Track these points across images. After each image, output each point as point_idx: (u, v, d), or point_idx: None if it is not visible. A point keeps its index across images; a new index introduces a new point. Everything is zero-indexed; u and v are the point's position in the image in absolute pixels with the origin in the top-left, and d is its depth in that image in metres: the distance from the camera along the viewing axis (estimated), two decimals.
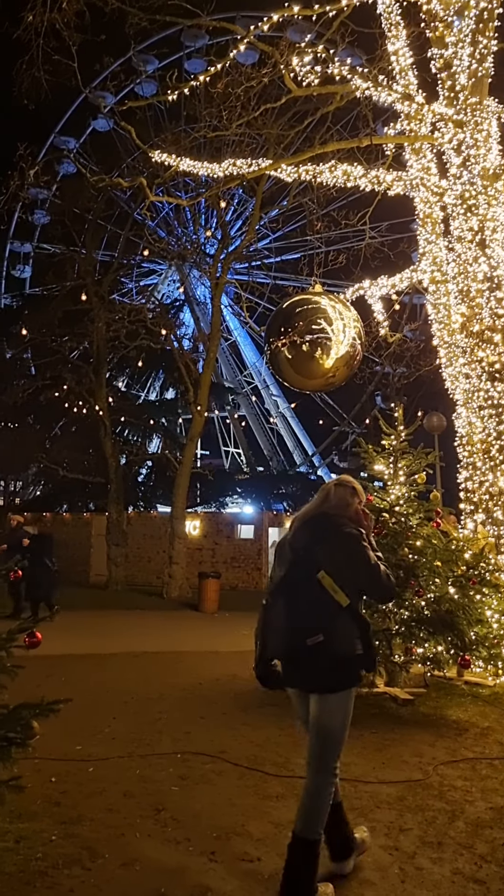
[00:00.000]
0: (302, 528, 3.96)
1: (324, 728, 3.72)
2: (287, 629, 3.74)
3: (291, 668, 3.82)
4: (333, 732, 3.74)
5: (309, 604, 3.72)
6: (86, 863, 3.85)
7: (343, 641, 3.70)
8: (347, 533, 3.87)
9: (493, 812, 4.78)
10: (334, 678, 3.72)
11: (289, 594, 3.80)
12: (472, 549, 8.69)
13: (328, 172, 11.03)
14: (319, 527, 3.92)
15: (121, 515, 23.03)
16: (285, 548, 3.98)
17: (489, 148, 10.36)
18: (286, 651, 3.78)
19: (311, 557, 3.80)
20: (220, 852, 4.04)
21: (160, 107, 26.30)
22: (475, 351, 10.15)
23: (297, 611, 3.74)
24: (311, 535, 3.90)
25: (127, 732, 6.42)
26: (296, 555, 3.88)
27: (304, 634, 3.67)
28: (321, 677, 3.72)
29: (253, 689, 8.43)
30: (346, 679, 3.76)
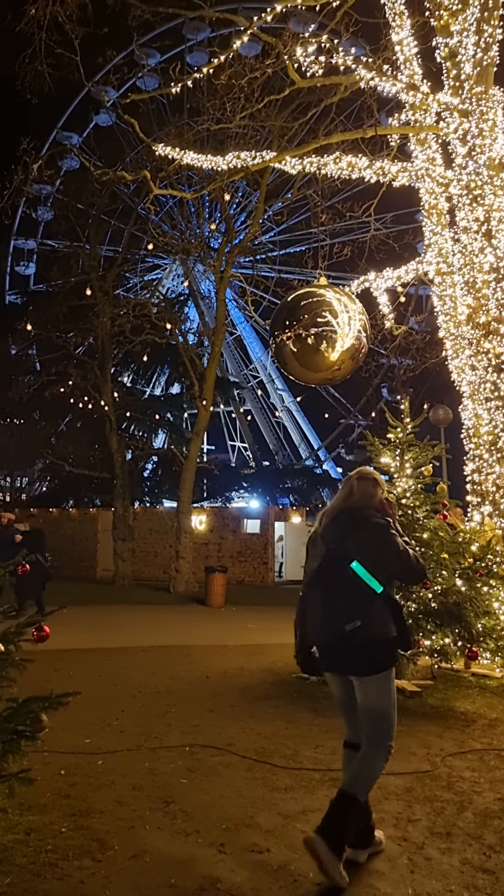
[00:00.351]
0: (331, 522, 4.16)
1: (373, 710, 3.96)
2: (326, 617, 3.95)
3: (331, 654, 4.02)
4: (383, 712, 3.97)
5: (345, 592, 3.93)
6: (96, 854, 3.86)
7: (378, 625, 3.91)
8: (375, 523, 4.08)
9: (501, 802, 4.77)
10: (373, 661, 3.94)
11: (325, 585, 4.01)
12: (480, 541, 8.67)
13: (333, 164, 10.98)
14: (348, 519, 4.11)
15: (127, 511, 23.08)
16: (317, 541, 4.18)
17: (495, 137, 10.29)
18: (326, 638, 3.99)
19: (342, 549, 4.00)
20: (230, 844, 4.05)
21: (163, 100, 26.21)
22: (481, 342, 10.11)
23: (334, 599, 3.95)
24: (341, 527, 4.09)
25: (135, 725, 6.43)
26: (328, 547, 4.07)
27: (343, 621, 3.88)
28: (361, 661, 3.93)
29: (260, 681, 8.46)
30: (384, 661, 3.98)
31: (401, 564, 4.04)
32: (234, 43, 11.54)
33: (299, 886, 3.60)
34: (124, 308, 23.62)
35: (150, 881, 3.59)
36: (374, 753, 3.95)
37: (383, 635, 3.92)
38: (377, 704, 3.95)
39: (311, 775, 5.20)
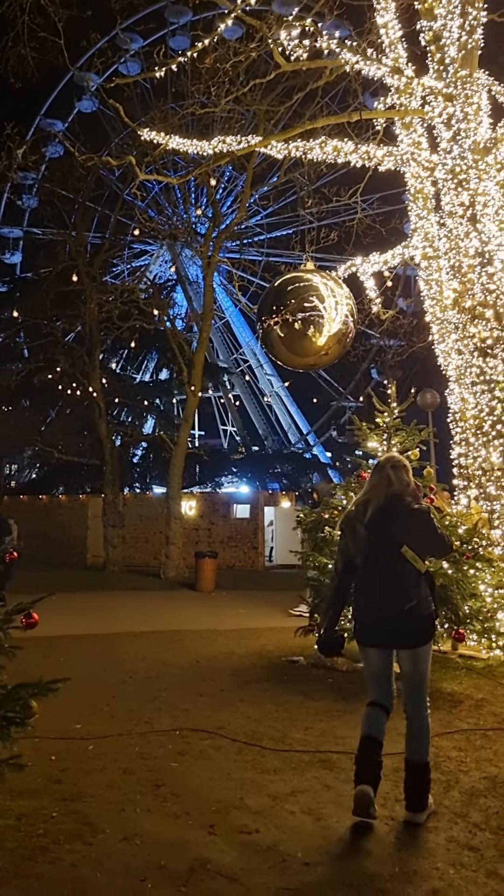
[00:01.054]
0: (378, 511, 4.48)
1: (420, 675, 4.49)
2: (386, 599, 4.40)
3: (386, 631, 4.45)
4: (426, 676, 4.54)
5: (400, 575, 4.40)
6: (87, 838, 3.91)
7: (427, 603, 4.45)
8: (419, 510, 4.55)
9: (487, 781, 4.86)
10: (424, 634, 4.48)
11: (380, 569, 4.43)
12: (466, 525, 8.75)
13: (318, 148, 10.94)
14: (393, 507, 4.48)
15: (117, 497, 23.08)
16: (356, 527, 4.55)
17: (479, 121, 10.28)
18: (386, 617, 4.41)
19: (390, 535, 4.42)
20: (219, 825, 4.11)
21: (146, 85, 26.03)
22: (467, 327, 10.15)
23: (392, 583, 4.40)
24: (388, 515, 4.46)
25: (126, 710, 6.49)
26: (375, 535, 4.45)
27: (402, 602, 4.35)
28: (415, 635, 4.44)
29: (250, 665, 8.53)
30: (431, 633, 4.54)
31: (440, 546, 4.69)
32: (219, 26, 11.45)
33: (288, 866, 3.66)
34: (112, 294, 23.50)
35: (140, 863, 3.65)
36: (423, 715, 4.53)
37: (430, 611, 4.46)
38: (424, 670, 4.49)
39: (300, 757, 5.27)
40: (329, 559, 8.51)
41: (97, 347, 23.62)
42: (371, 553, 4.46)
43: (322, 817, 4.25)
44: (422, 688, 4.52)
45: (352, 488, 8.88)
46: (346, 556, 4.62)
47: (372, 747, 4.42)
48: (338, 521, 5.05)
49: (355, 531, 4.55)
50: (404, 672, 4.51)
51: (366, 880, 3.54)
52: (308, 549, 9.13)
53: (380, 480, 4.59)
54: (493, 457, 9.78)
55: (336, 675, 7.91)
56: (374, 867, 3.67)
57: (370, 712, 4.54)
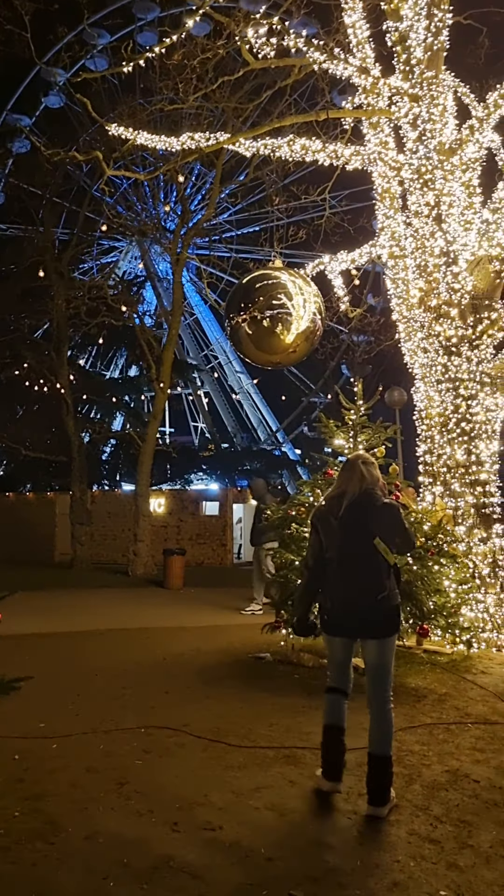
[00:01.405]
0: (352, 504, 4.66)
1: (385, 666, 4.64)
2: (361, 589, 4.57)
3: (356, 621, 4.63)
4: (390, 667, 4.68)
5: (372, 567, 4.57)
6: (49, 837, 3.90)
7: (395, 595, 4.67)
8: (389, 504, 4.74)
9: (448, 775, 4.93)
10: (393, 624, 4.65)
11: (356, 561, 4.60)
12: (431, 521, 8.85)
13: (287, 147, 10.95)
14: (367, 502, 4.67)
15: (84, 494, 22.92)
16: (332, 522, 4.71)
17: (445, 122, 10.36)
18: (360, 607, 4.59)
19: (365, 528, 4.60)
20: (183, 822, 4.12)
21: (114, 81, 25.75)
22: (433, 325, 10.24)
23: (367, 573, 4.57)
24: (362, 508, 4.65)
25: (91, 708, 6.47)
26: (350, 527, 4.63)
27: (376, 592, 4.54)
28: (385, 625, 4.61)
29: (216, 663, 8.54)
30: (398, 624, 4.75)
31: (407, 541, 4.78)
32: (187, 22, 11.40)
33: (251, 861, 3.69)
34: (80, 290, 23.32)
35: (103, 862, 3.65)
36: (387, 709, 4.64)
37: (398, 602, 4.68)
38: (389, 661, 4.66)
39: (265, 753, 5.30)
40: (296, 555, 8.56)
41: (65, 343, 23.41)
42: (346, 545, 4.64)
43: (286, 812, 4.29)
44: (386, 681, 4.67)
45: (319, 485, 8.93)
46: (317, 550, 4.76)
47: (338, 736, 4.66)
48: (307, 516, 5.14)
49: (328, 525, 4.71)
50: (370, 664, 4.65)
51: (328, 874, 3.58)
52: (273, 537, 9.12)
53: (352, 475, 4.75)
54: (458, 454, 9.90)
55: (302, 671, 7.96)
56: (335, 861, 3.71)
57: (332, 699, 4.77)
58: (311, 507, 8.83)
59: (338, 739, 4.67)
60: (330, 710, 4.76)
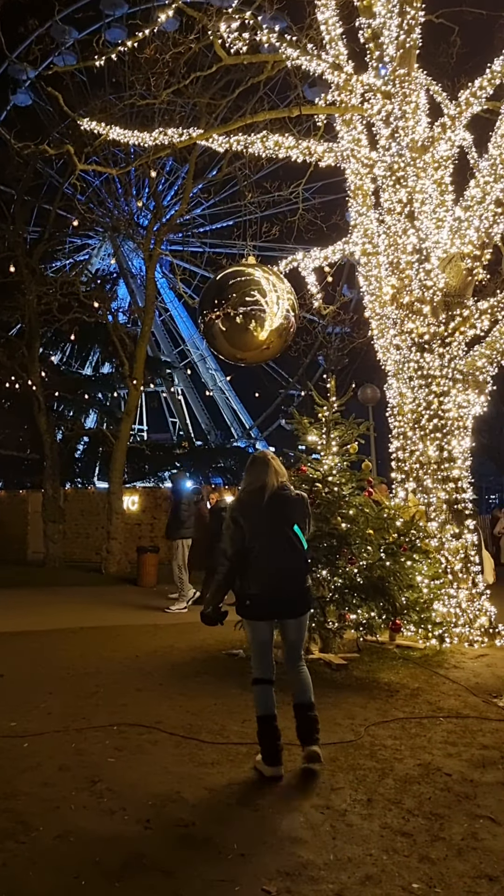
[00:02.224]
0: (274, 496, 5.04)
1: (301, 638, 5.22)
2: (286, 572, 4.98)
3: (283, 602, 5.02)
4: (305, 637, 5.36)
5: (296, 551, 5.03)
6: (20, 837, 3.85)
7: (308, 576, 5.22)
8: (301, 496, 5.27)
9: (420, 768, 4.96)
10: (308, 602, 5.23)
11: (282, 547, 4.99)
12: (404, 517, 8.89)
13: (260, 143, 10.94)
14: (284, 494, 5.13)
15: (57, 492, 22.73)
16: (254, 513, 5.00)
17: (417, 120, 10.42)
18: (288, 589, 5.01)
19: (285, 517, 5.06)
20: (155, 819, 4.10)
21: (83, 78, 25.53)
22: (405, 322, 10.29)
23: (292, 558, 5.01)
24: (282, 499, 5.08)
25: (63, 707, 6.41)
26: (273, 517, 5.02)
27: (301, 574, 5.06)
28: (305, 604, 5.17)
29: (190, 659, 8.52)
30: (312, 601, 5.38)
31: (311, 527, 5.34)
32: (159, 16, 11.33)
33: (224, 857, 3.68)
34: (51, 286, 23.10)
35: (74, 861, 3.62)
36: (304, 667, 5.19)
37: (308, 584, 5.19)
38: (304, 633, 5.29)
39: (237, 749, 5.29)
40: None
41: (36, 340, 23.19)
42: (272, 533, 4.99)
43: (259, 808, 4.28)
44: (301, 650, 5.21)
45: (292, 482, 8.93)
46: (239, 540, 4.96)
47: (273, 724, 4.92)
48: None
49: (252, 515, 4.99)
50: (291, 640, 5.11)
51: (300, 868, 3.57)
52: None
53: (269, 470, 5.12)
54: (430, 450, 9.96)
55: (275, 667, 7.95)
56: (308, 855, 3.71)
57: (264, 690, 5.00)
58: None
59: (274, 727, 4.92)
60: (263, 701, 4.98)
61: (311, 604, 5.23)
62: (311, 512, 5.36)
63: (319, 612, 8.00)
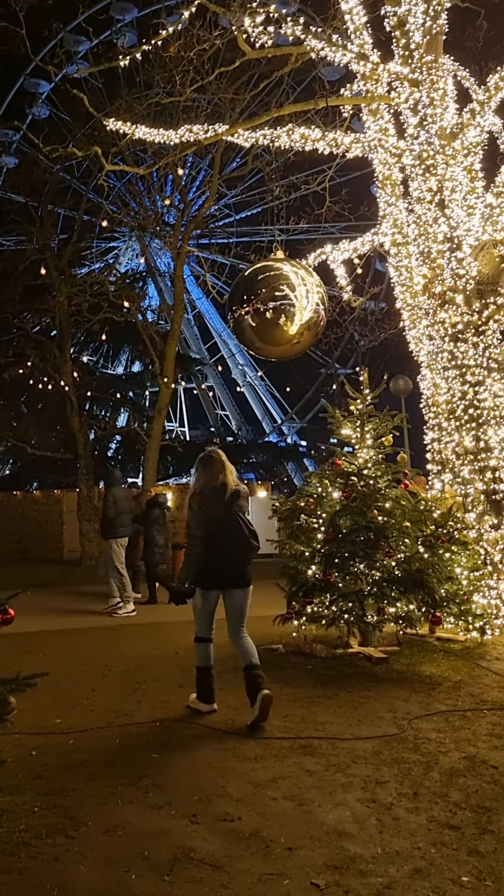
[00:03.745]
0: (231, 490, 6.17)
1: (245, 606, 6.22)
2: (244, 551, 6.13)
3: (239, 576, 6.15)
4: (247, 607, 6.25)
5: (248, 534, 6.16)
6: (69, 831, 3.90)
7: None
8: (246, 489, 6.47)
9: (466, 761, 4.91)
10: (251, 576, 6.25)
11: (238, 531, 6.13)
12: (441, 509, 8.82)
13: (286, 136, 10.89)
14: (237, 489, 6.25)
15: (91, 491, 22.95)
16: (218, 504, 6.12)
17: (445, 107, 10.29)
18: (242, 564, 6.14)
19: (239, 506, 6.22)
20: (202, 814, 4.11)
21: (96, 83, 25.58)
22: (437, 312, 10.19)
23: (245, 539, 6.14)
24: (236, 493, 6.22)
25: (106, 704, 6.47)
26: (231, 507, 6.16)
27: (251, 552, 6.17)
28: (249, 577, 6.23)
29: (228, 655, 8.51)
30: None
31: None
32: (183, 13, 11.34)
33: (271, 851, 3.68)
34: (81, 286, 23.30)
35: (123, 854, 3.64)
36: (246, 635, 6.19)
37: None
38: (248, 602, 6.25)
39: (280, 744, 5.29)
40: (305, 546, 8.54)
41: (68, 341, 23.43)
42: (230, 520, 6.12)
43: (304, 802, 4.28)
44: (244, 618, 6.23)
45: (326, 475, 8.91)
46: (206, 525, 6.08)
47: (209, 673, 6.25)
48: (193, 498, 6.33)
49: (215, 506, 6.10)
50: (237, 607, 6.17)
51: (348, 862, 3.56)
52: (285, 536, 9.16)
53: (225, 468, 6.25)
54: (466, 441, 9.86)
55: (315, 662, 7.95)
56: (356, 849, 3.70)
57: (206, 647, 6.28)
58: (319, 498, 8.83)
59: (209, 675, 6.22)
60: (204, 655, 6.25)
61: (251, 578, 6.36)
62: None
63: (358, 606, 7.97)
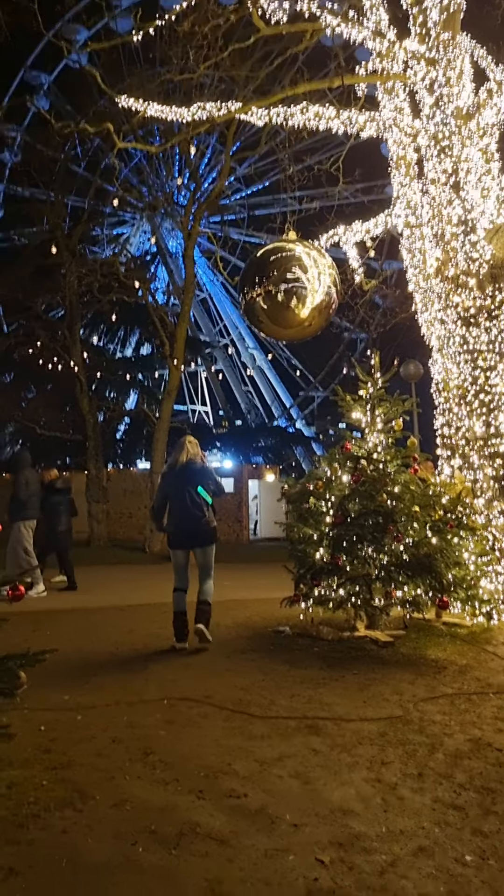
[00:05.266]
0: (185, 467, 8.08)
1: (209, 562, 8.11)
2: (190, 516, 7.92)
3: (189, 536, 8.01)
4: (212, 562, 8.14)
5: (197, 503, 7.95)
6: (77, 805, 3.93)
7: (211, 519, 8.07)
8: (206, 467, 8.30)
9: (471, 743, 4.93)
10: (211, 537, 8.10)
11: (187, 500, 7.93)
12: (450, 494, 8.79)
13: (300, 114, 10.78)
14: (194, 465, 8.11)
15: (100, 472, 23.03)
16: (171, 478, 8.12)
17: (462, 86, 10.15)
18: (191, 527, 7.95)
19: (191, 481, 8.00)
20: (208, 790, 4.14)
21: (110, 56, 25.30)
22: (450, 296, 10.11)
23: (192, 507, 7.93)
24: (189, 469, 8.06)
25: (114, 682, 6.51)
26: (184, 481, 7.99)
27: (199, 516, 7.94)
28: (206, 538, 8.04)
29: (236, 636, 8.58)
30: (215, 537, 8.19)
31: (218, 486, 8.24)
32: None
33: (276, 828, 3.71)
34: (91, 266, 23.23)
35: (130, 828, 3.68)
36: (209, 582, 8.09)
37: (213, 524, 8.10)
38: (211, 559, 8.11)
39: (286, 723, 5.32)
40: (314, 529, 8.55)
41: (77, 322, 23.42)
42: (179, 495, 7.92)
43: (310, 781, 4.30)
44: (210, 569, 8.10)
45: (336, 459, 8.89)
46: (165, 495, 8.13)
47: (183, 617, 7.87)
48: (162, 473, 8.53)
49: (170, 481, 8.09)
50: (200, 561, 8.06)
51: (353, 840, 3.59)
52: (293, 519, 9.15)
53: (183, 450, 8.13)
54: (477, 426, 9.81)
55: (321, 644, 7.98)
56: (361, 827, 3.72)
57: (179, 595, 8.00)
58: (328, 481, 8.83)
59: (183, 619, 7.83)
60: (178, 602, 7.96)
61: (213, 539, 8.09)
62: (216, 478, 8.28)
63: (365, 590, 7.98)
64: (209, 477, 8.11)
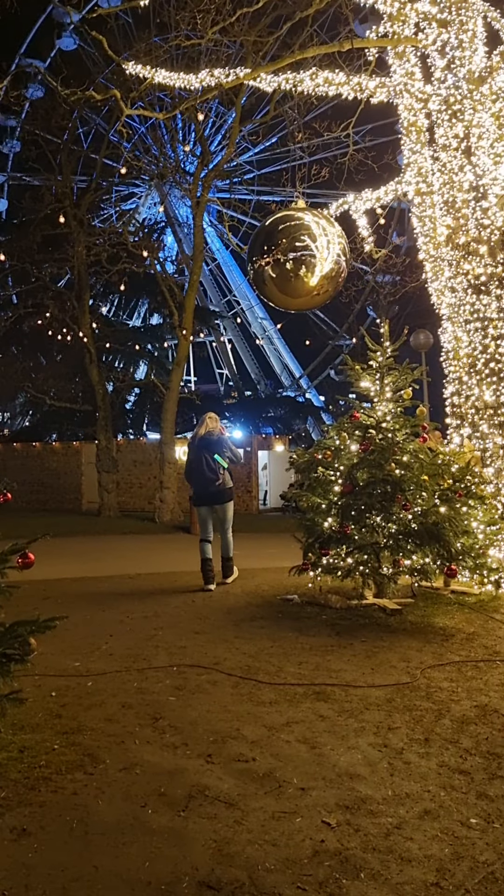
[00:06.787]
0: (203, 438, 9.74)
1: (227, 518, 9.80)
2: (206, 479, 9.57)
3: (208, 496, 9.66)
4: (230, 518, 9.84)
5: (212, 468, 9.55)
6: (88, 768, 4.01)
7: (226, 482, 9.69)
8: (223, 437, 9.87)
9: (477, 710, 4.98)
10: (227, 496, 9.71)
11: (204, 465, 9.57)
12: (459, 463, 8.78)
13: (309, 80, 10.60)
14: (211, 437, 9.72)
15: (110, 443, 23.06)
16: (193, 448, 9.88)
17: (475, 49, 9.94)
18: (207, 487, 9.59)
19: (208, 449, 9.60)
20: (217, 755, 4.21)
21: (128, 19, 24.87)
22: (461, 264, 10.00)
23: (208, 471, 9.56)
24: (206, 440, 9.69)
25: (124, 649, 6.60)
26: (202, 450, 9.63)
27: (213, 479, 9.56)
28: (220, 497, 9.66)
29: (245, 604, 8.66)
30: (231, 496, 9.79)
31: (233, 454, 9.87)
32: None
33: (284, 791, 3.77)
34: (100, 236, 23.07)
35: (140, 791, 3.76)
36: (228, 536, 9.88)
37: (228, 485, 9.71)
38: (229, 516, 9.81)
39: (294, 690, 5.39)
40: (322, 498, 8.57)
41: (86, 292, 23.29)
42: (200, 459, 9.59)
43: (317, 745, 4.37)
44: (229, 524, 9.84)
45: (344, 428, 8.89)
46: (189, 461, 9.88)
47: (209, 563, 9.58)
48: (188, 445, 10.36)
49: (193, 449, 9.83)
50: (220, 517, 9.74)
51: (359, 803, 3.65)
52: (300, 489, 9.26)
53: (201, 425, 9.84)
54: (486, 395, 9.77)
55: (329, 612, 8.04)
56: (367, 791, 3.78)
57: (205, 545, 9.62)
58: (337, 450, 8.83)
59: (209, 565, 9.55)
60: (204, 550, 9.57)
61: (229, 497, 9.73)
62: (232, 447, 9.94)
63: (373, 558, 8.01)
64: (224, 446, 9.71)
